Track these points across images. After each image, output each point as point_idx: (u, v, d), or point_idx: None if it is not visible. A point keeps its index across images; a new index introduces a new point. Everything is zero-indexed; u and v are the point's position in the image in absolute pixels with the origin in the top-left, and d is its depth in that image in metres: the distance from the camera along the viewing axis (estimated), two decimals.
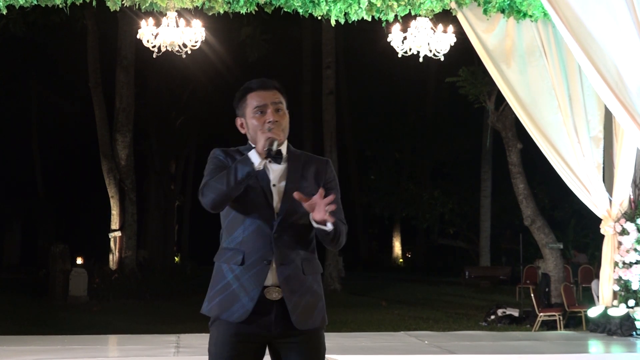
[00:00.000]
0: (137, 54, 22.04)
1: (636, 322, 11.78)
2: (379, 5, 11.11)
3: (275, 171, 3.84)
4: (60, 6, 10.88)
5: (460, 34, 11.98)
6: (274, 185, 3.82)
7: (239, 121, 3.95)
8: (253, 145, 3.85)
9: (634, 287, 11.92)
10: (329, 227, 3.70)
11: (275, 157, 3.79)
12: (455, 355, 10.31)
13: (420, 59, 11.55)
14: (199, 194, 3.79)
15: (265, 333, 3.75)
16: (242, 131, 3.95)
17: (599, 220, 12.34)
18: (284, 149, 3.91)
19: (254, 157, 3.70)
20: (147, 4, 10.91)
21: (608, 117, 12.11)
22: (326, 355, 3.96)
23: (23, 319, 15.56)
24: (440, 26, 11.44)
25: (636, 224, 11.97)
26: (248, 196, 3.76)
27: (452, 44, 11.55)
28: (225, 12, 11.27)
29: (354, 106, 35.83)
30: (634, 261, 11.94)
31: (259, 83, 3.92)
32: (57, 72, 30.51)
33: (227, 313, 3.74)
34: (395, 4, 11.17)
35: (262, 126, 3.81)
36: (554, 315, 13.88)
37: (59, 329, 13.28)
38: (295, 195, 3.67)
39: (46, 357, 9.84)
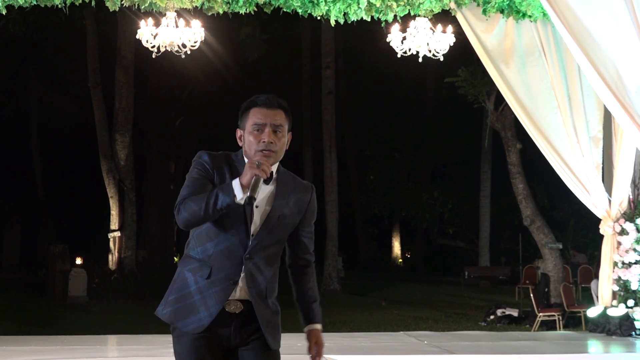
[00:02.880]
0: (137, 54, 22.03)
1: (635, 322, 11.79)
2: (378, 5, 11.12)
3: (262, 192, 3.71)
4: (59, 6, 10.89)
5: (460, 34, 11.98)
6: (256, 206, 3.72)
7: (238, 133, 3.83)
8: (245, 160, 3.75)
9: (633, 287, 11.93)
10: None
11: (265, 180, 3.68)
12: (454, 356, 10.32)
13: (420, 59, 11.56)
14: (175, 207, 3.69)
15: (223, 343, 3.73)
16: (240, 143, 3.83)
17: (599, 220, 12.35)
18: (274, 168, 3.78)
19: (237, 189, 3.55)
20: (147, 4, 10.91)
21: (607, 117, 12.12)
22: (326, 355, 3.98)
23: (22, 319, 15.56)
24: (439, 26, 11.45)
25: (635, 224, 11.98)
26: (227, 213, 3.66)
27: (452, 44, 11.55)
28: (224, 12, 11.28)
29: (353, 106, 35.82)
30: (633, 261, 11.95)
31: (265, 100, 3.78)
32: (57, 72, 30.54)
33: (182, 323, 3.70)
34: (394, 4, 11.18)
35: (256, 145, 3.70)
36: (554, 315, 13.88)
37: (58, 329, 13.28)
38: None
39: (46, 357, 9.84)
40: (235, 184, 3.56)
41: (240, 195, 3.55)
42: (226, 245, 3.71)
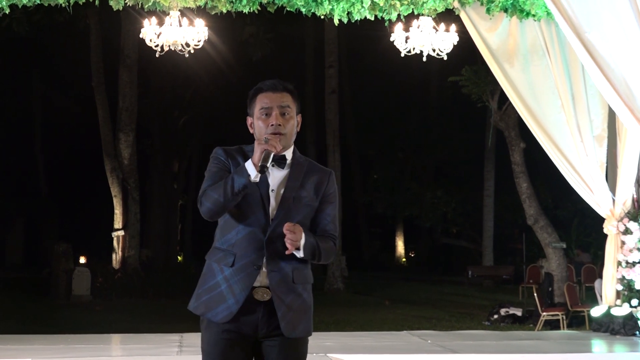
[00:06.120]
0: (140, 53, 22.03)
1: (639, 322, 11.77)
2: (382, 4, 11.10)
3: (276, 177, 3.82)
4: (63, 5, 10.89)
5: (463, 33, 11.97)
6: (272, 190, 3.80)
7: (249, 120, 3.93)
8: None
9: (637, 286, 11.92)
10: (299, 254, 3.74)
11: (279, 163, 3.79)
12: (458, 355, 10.31)
13: (424, 58, 11.55)
14: (198, 201, 3.79)
15: (251, 333, 3.77)
16: (251, 131, 3.92)
17: (602, 220, 12.34)
18: (289, 153, 3.88)
19: (250, 168, 3.68)
20: (150, 3, 10.91)
21: (611, 116, 12.11)
22: (329, 355, 3.98)
23: (26, 318, 15.58)
24: (443, 25, 11.43)
25: (639, 224, 11.96)
26: (246, 200, 3.75)
27: (455, 43, 11.54)
28: (228, 11, 11.27)
29: (356, 105, 35.79)
30: (637, 260, 11.94)
31: (270, 84, 3.88)
32: (60, 72, 30.52)
33: (211, 313, 3.76)
34: (398, 4, 11.17)
35: (265, 129, 3.79)
36: (557, 315, 13.87)
37: (62, 328, 13.30)
38: (286, 227, 3.65)
39: (49, 356, 9.86)
40: (248, 164, 3.70)
41: (253, 173, 3.67)
42: (247, 231, 3.78)
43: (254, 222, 3.77)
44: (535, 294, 14.39)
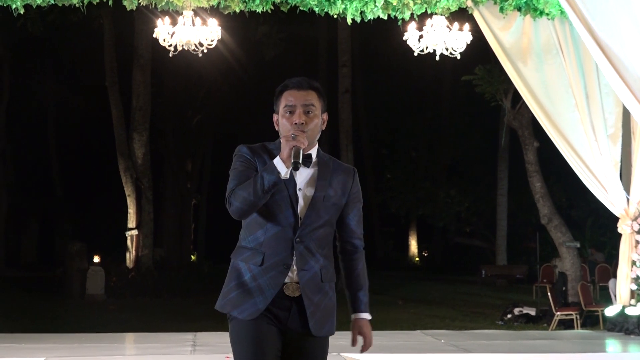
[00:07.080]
0: (154, 53, 22.08)
1: None
2: (395, 3, 11.09)
3: (302, 175, 3.81)
4: (77, 5, 10.93)
5: (477, 32, 11.95)
6: (299, 189, 3.79)
7: (275, 117, 3.91)
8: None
9: None
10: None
11: (304, 161, 3.77)
12: (471, 354, 10.30)
13: (437, 57, 11.53)
14: (226, 201, 3.76)
15: (280, 326, 3.77)
16: (277, 128, 3.90)
17: (617, 219, 12.29)
18: (314, 152, 3.87)
19: (280, 165, 3.65)
20: (164, 3, 10.94)
21: (625, 115, 12.06)
22: (342, 354, 3.99)
23: (40, 317, 15.64)
24: (456, 24, 11.41)
25: None
26: (273, 199, 3.73)
27: (468, 42, 11.52)
28: (241, 11, 11.29)
29: (369, 105, 35.78)
30: None
31: (295, 82, 3.87)
32: (74, 72, 30.64)
33: (238, 310, 3.75)
34: (411, 3, 11.16)
35: (290, 127, 3.77)
36: (571, 315, 13.83)
37: (76, 327, 13.35)
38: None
39: (63, 355, 9.89)
40: (277, 161, 3.66)
41: (283, 170, 3.64)
42: (276, 230, 3.76)
43: (283, 221, 3.76)
44: (549, 294, 14.35)
